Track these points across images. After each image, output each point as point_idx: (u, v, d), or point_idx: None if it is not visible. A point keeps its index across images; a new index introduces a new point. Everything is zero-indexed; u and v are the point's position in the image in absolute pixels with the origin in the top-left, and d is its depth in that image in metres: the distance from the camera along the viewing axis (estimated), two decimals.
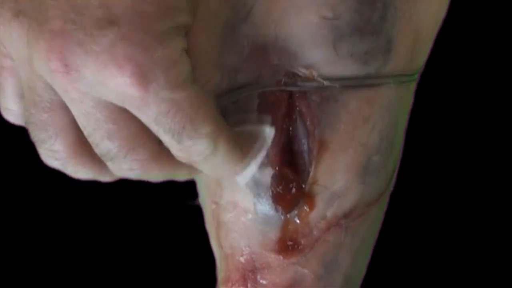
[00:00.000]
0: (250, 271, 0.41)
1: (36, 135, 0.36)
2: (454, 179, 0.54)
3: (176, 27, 0.34)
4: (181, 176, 0.38)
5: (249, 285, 0.41)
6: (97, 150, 0.35)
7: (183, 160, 0.36)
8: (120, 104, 0.33)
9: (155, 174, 0.36)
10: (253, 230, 0.41)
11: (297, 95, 0.40)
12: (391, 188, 0.44)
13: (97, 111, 0.34)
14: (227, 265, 0.42)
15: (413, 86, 0.43)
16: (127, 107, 0.34)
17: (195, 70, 0.35)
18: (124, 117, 0.34)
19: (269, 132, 0.39)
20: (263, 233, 0.41)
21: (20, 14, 0.34)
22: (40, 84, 0.34)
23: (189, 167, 0.37)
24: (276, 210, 0.40)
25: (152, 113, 0.33)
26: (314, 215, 0.41)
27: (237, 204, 0.41)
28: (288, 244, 0.41)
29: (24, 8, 0.34)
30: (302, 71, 0.40)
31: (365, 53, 0.40)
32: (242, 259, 0.42)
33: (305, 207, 0.41)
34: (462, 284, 0.54)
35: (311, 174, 0.40)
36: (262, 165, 0.40)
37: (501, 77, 0.53)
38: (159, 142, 0.35)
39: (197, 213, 0.45)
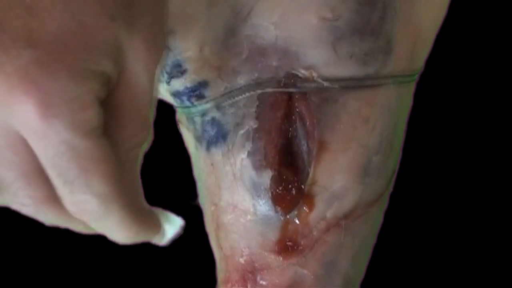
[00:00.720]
0: (250, 272, 0.41)
1: None
2: (453, 179, 0.54)
3: (95, 71, 0.32)
4: (77, 228, 0.36)
5: (249, 285, 0.41)
6: None
7: (74, 215, 0.34)
8: (21, 132, 0.32)
9: (49, 218, 0.35)
10: (252, 231, 0.41)
11: (296, 96, 0.40)
12: (391, 188, 0.44)
13: (0, 137, 0.32)
14: (226, 266, 0.42)
15: (412, 87, 0.43)
16: (27, 139, 0.32)
17: (116, 126, 0.34)
18: (25, 150, 0.32)
19: (177, 221, 0.38)
20: (263, 234, 0.41)
21: None
22: None
23: (85, 224, 0.35)
24: (276, 211, 0.40)
25: (50, 152, 0.32)
26: (313, 216, 0.41)
27: (237, 205, 0.41)
28: (287, 245, 0.41)
29: None
30: (302, 72, 0.40)
31: (365, 54, 0.40)
32: (241, 260, 0.42)
33: (305, 208, 0.41)
34: (462, 284, 0.54)
35: (310, 174, 0.40)
36: (261, 166, 0.40)
37: (501, 77, 0.53)
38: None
39: (197, 214, 0.45)
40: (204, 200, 0.44)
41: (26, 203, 0.34)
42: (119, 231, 0.35)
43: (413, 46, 0.41)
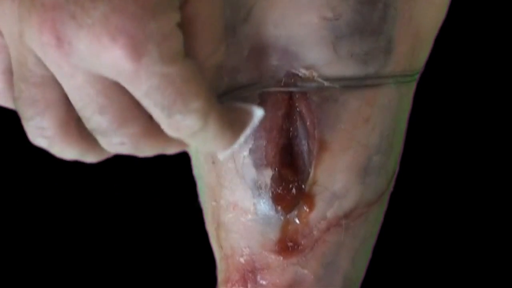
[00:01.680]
0: (250, 272, 0.41)
1: (24, 111, 0.35)
2: (454, 179, 0.54)
3: (170, 1, 0.33)
4: (171, 150, 0.37)
5: (249, 285, 0.41)
6: (88, 125, 0.35)
7: (173, 135, 0.35)
8: (112, 77, 0.33)
9: (146, 149, 0.36)
10: (253, 230, 0.41)
11: (297, 96, 0.40)
12: (391, 188, 0.44)
13: (89, 85, 0.33)
14: (227, 265, 0.42)
15: (413, 86, 0.43)
16: (119, 81, 0.33)
17: (195, 42, 0.35)
18: (115, 91, 0.34)
19: (258, 111, 0.38)
20: (263, 233, 0.41)
21: None
22: (31, 59, 0.34)
23: (180, 142, 0.37)
24: (276, 211, 0.40)
25: (143, 87, 0.33)
26: (314, 216, 0.41)
27: (237, 204, 0.41)
28: (288, 245, 0.41)
29: None
30: (302, 72, 0.40)
31: (365, 54, 0.40)
32: (242, 260, 0.42)
33: (305, 208, 0.41)
34: (462, 284, 0.54)
35: (311, 174, 0.40)
36: (262, 166, 0.40)
37: (501, 77, 0.53)
38: (150, 117, 0.35)
39: (197, 214, 0.45)
40: (204, 198, 0.44)
41: (124, 141, 0.35)
42: (218, 139, 0.36)
43: (413, 46, 0.41)
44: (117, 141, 0.35)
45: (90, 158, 0.37)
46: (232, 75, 0.39)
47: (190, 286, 0.54)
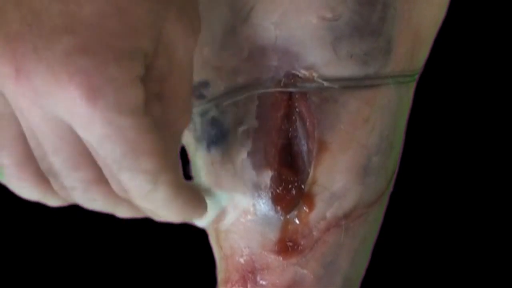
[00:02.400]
0: (250, 272, 0.41)
1: None
2: (454, 179, 0.54)
3: (135, 51, 0.32)
4: (122, 212, 0.36)
5: (249, 285, 0.41)
6: (41, 165, 0.34)
7: (122, 195, 0.34)
8: (65, 119, 0.32)
9: (98, 199, 0.35)
10: (252, 231, 0.41)
11: (296, 96, 0.40)
12: (391, 188, 0.44)
13: (44, 123, 0.32)
14: (226, 265, 0.42)
15: (412, 87, 0.43)
16: (72, 123, 0.32)
17: (163, 103, 0.34)
18: (69, 134, 0.33)
19: (226, 199, 0.38)
20: (263, 234, 0.41)
21: None
22: None
23: (132, 206, 0.36)
24: (276, 211, 0.40)
25: (95, 134, 0.32)
26: (313, 216, 0.41)
27: (237, 205, 0.41)
28: (287, 245, 0.41)
29: None
30: (302, 72, 0.40)
31: (365, 54, 0.40)
32: (241, 260, 0.42)
33: (305, 208, 0.41)
34: (462, 284, 0.54)
35: (310, 174, 0.40)
36: (261, 166, 0.40)
37: (501, 77, 0.53)
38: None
39: None
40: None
41: (75, 186, 0.34)
42: (167, 207, 0.35)
43: (413, 46, 0.41)
44: (69, 185, 0.34)
45: (50, 201, 0.36)
46: (232, 76, 0.39)
47: (190, 286, 0.54)
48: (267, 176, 0.40)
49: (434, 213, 0.54)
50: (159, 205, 0.35)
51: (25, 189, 0.35)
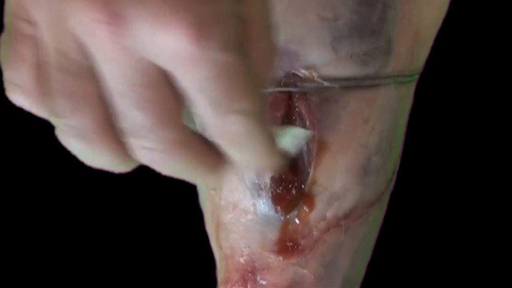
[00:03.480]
0: (250, 272, 0.41)
1: (58, 107, 0.31)
2: (454, 179, 0.54)
3: None
4: (196, 176, 0.34)
5: (249, 285, 0.41)
6: (122, 123, 0.31)
7: (215, 139, 0.32)
8: (164, 62, 0.30)
9: (178, 163, 0.32)
10: (252, 231, 0.41)
11: (296, 96, 0.40)
12: (391, 188, 0.44)
13: (135, 72, 0.30)
14: (227, 265, 0.42)
15: (412, 87, 0.43)
16: (171, 67, 0.30)
17: (254, 43, 0.31)
18: (161, 84, 0.30)
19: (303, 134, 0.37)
20: (263, 233, 0.41)
21: None
22: (73, 46, 0.30)
23: (213, 163, 0.33)
24: (276, 211, 0.40)
25: (199, 76, 0.29)
26: (313, 216, 0.41)
27: (237, 204, 0.41)
28: (287, 245, 0.41)
29: None
30: (302, 72, 0.40)
31: (365, 54, 0.40)
32: (242, 260, 0.42)
33: (305, 208, 0.41)
34: (462, 284, 0.54)
35: (310, 174, 0.40)
36: None
37: (501, 77, 0.53)
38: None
39: (197, 214, 0.45)
40: (204, 199, 0.44)
41: (158, 146, 0.31)
42: (262, 153, 0.33)
43: (413, 46, 0.41)
44: (150, 145, 0.31)
45: (120, 166, 0.33)
46: None
47: (190, 286, 0.54)
48: (267, 176, 0.40)
49: (434, 213, 0.54)
50: (254, 151, 0.32)
51: (103, 153, 0.32)
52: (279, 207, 0.40)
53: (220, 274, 0.43)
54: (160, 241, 0.55)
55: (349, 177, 0.41)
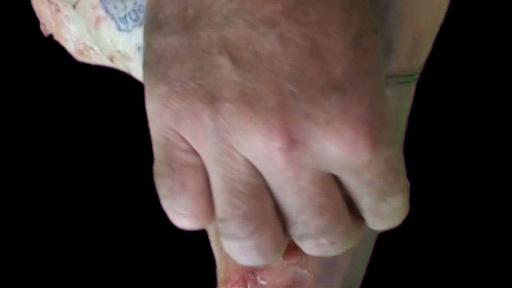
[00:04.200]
0: (250, 272, 0.41)
1: (240, 230, 0.33)
2: (454, 179, 0.54)
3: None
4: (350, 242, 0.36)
5: (248, 285, 0.41)
6: (303, 229, 0.33)
7: (372, 220, 0.35)
8: (339, 171, 0.32)
9: (349, 245, 0.35)
10: None
11: None
12: None
13: (312, 185, 0.32)
14: (226, 265, 0.42)
15: (413, 87, 0.43)
16: (345, 174, 0.32)
17: None
18: (335, 188, 0.33)
19: None
20: None
21: (214, 101, 0.31)
22: (245, 171, 0.32)
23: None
24: None
25: (370, 175, 0.32)
26: None
27: None
28: (287, 245, 0.41)
29: (215, 91, 0.31)
30: None
31: None
32: None
33: None
34: (462, 284, 0.54)
35: None
36: None
37: (501, 77, 0.53)
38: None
39: None
40: None
41: (335, 240, 0.34)
42: (399, 217, 0.36)
43: (413, 46, 0.41)
44: (327, 241, 0.34)
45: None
46: None
47: (190, 286, 0.54)
48: None
49: (434, 212, 0.54)
50: (397, 216, 0.36)
51: (269, 260, 0.35)
52: None
53: (220, 274, 0.43)
54: (160, 241, 0.55)
55: None
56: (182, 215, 0.34)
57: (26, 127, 0.55)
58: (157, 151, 0.34)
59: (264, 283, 0.41)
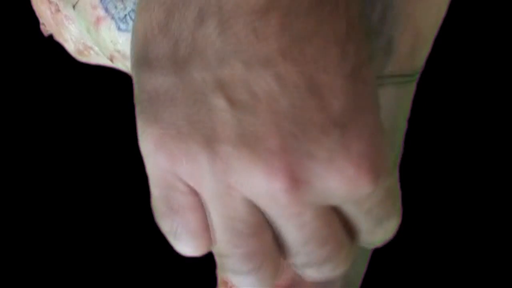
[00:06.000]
0: None
1: (240, 268, 0.33)
2: (454, 179, 0.54)
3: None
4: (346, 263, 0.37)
5: None
6: (306, 260, 0.34)
7: (367, 241, 0.36)
8: (341, 204, 0.33)
9: (348, 266, 0.36)
10: None
11: None
12: None
13: (316, 219, 0.32)
14: None
15: (413, 86, 0.43)
16: (345, 205, 0.33)
17: None
18: (335, 218, 0.33)
19: None
20: None
21: (211, 143, 0.31)
22: (244, 210, 0.32)
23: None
24: None
25: (370, 204, 0.33)
26: None
27: None
28: None
29: (211, 133, 0.31)
30: None
31: None
32: None
33: None
34: (462, 284, 0.54)
35: None
36: None
37: (501, 77, 0.53)
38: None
39: None
40: None
41: (339, 265, 0.34)
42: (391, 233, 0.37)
43: (413, 46, 0.41)
44: (328, 268, 0.34)
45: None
46: None
47: (190, 286, 0.54)
48: None
49: (434, 213, 0.54)
50: (390, 234, 0.37)
51: (267, 286, 0.35)
52: None
53: (220, 274, 0.43)
54: (160, 241, 0.55)
55: None
56: (185, 249, 0.35)
57: (26, 127, 0.55)
58: (154, 190, 0.34)
59: None
